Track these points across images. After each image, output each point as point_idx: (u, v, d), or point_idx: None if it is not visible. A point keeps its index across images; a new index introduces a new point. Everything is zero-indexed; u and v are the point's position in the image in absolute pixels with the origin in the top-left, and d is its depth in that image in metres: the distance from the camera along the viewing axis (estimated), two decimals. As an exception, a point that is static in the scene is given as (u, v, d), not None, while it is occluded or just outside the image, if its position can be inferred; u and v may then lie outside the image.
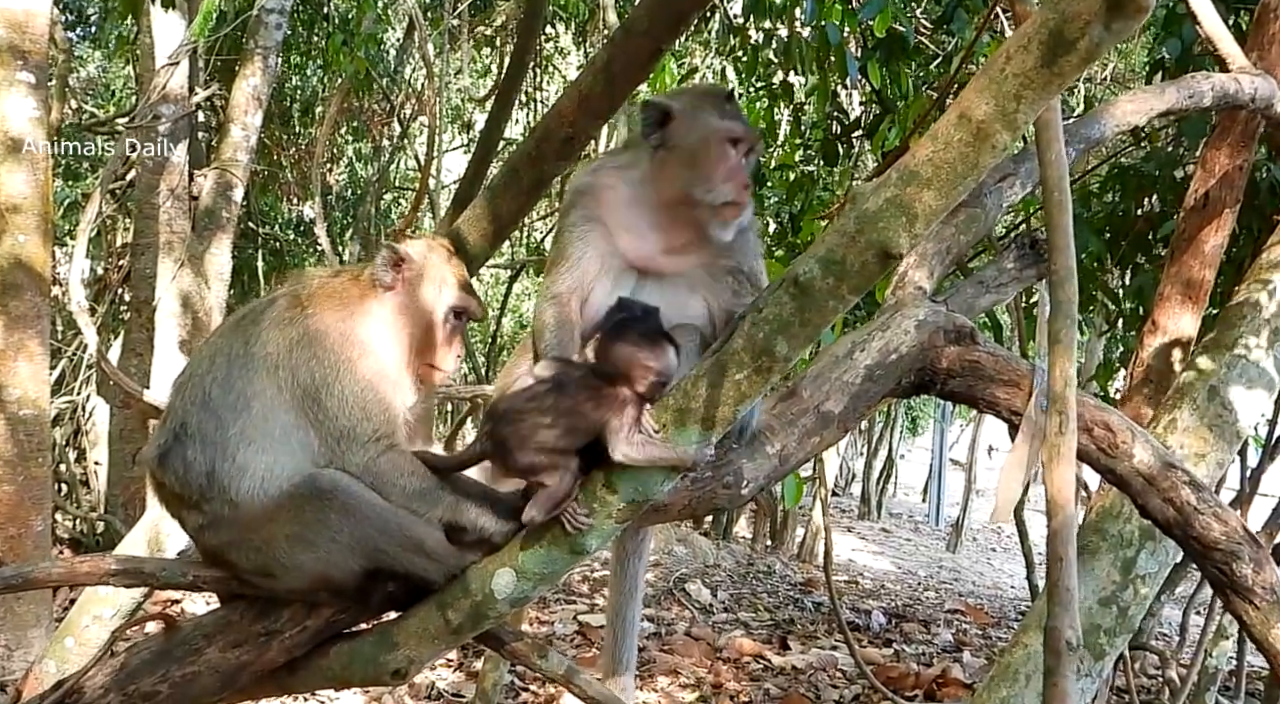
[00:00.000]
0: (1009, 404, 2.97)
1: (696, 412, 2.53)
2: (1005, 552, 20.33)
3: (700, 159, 3.03)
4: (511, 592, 2.73)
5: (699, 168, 3.02)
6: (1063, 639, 2.07)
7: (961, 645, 10.24)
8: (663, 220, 3.07)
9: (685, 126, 3.05)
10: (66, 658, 5.07)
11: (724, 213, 3.01)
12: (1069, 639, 2.07)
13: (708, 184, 3.00)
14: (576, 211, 3.12)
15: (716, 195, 2.99)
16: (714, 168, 3.01)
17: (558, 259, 3.11)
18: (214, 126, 11.04)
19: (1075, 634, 2.08)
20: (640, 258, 3.06)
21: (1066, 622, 2.09)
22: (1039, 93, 2.06)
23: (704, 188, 3.00)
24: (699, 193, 3.00)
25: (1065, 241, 2.33)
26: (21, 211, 6.12)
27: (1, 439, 6.09)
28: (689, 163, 3.04)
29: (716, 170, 3.01)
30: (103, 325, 11.39)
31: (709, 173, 3.01)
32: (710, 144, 3.03)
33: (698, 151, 3.03)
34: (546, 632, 9.12)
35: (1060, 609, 2.11)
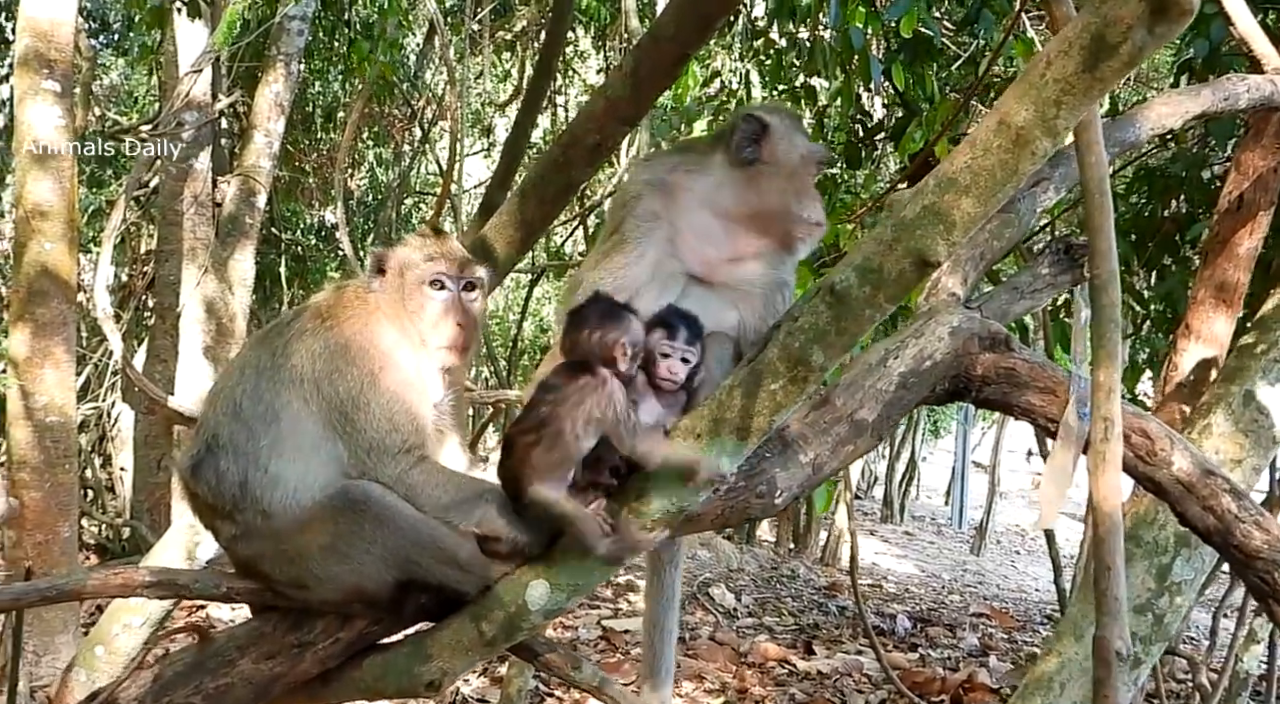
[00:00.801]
0: (1045, 411, 2.93)
1: (731, 421, 2.52)
2: (1029, 555, 20.22)
3: (798, 177, 3.13)
4: (545, 603, 2.72)
5: (796, 186, 3.12)
6: (1112, 649, 2.04)
7: (987, 650, 10.17)
8: (735, 229, 3.08)
9: (784, 143, 3.13)
10: (97, 666, 5.08)
11: (812, 231, 3.13)
12: (1119, 649, 2.04)
13: (802, 201, 3.10)
14: (643, 205, 3.11)
15: (811, 214, 3.10)
16: (798, 187, 3.11)
17: (614, 251, 3.09)
18: (237, 133, 11.09)
19: (1125, 644, 2.05)
20: (702, 262, 3.06)
21: (1116, 631, 2.05)
22: (1080, 98, 2.03)
23: (799, 205, 3.10)
24: (796, 208, 3.09)
25: (1107, 245, 2.29)
26: (48, 218, 6.16)
27: (28, 446, 6.12)
28: (788, 179, 3.12)
29: (798, 190, 3.11)
30: (127, 332, 11.46)
31: (805, 191, 3.12)
32: (807, 163, 3.15)
33: (796, 170, 3.13)
34: (570, 637, 9.11)
35: (1109, 619, 2.07)
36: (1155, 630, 4.03)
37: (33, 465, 6.14)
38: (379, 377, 2.85)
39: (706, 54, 9.84)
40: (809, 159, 3.15)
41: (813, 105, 8.12)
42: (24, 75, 6.25)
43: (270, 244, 12.81)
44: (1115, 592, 2.11)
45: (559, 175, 4.58)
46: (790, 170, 3.12)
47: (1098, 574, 2.15)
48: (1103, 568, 2.14)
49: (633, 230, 3.09)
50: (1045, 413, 2.92)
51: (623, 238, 3.10)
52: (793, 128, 3.18)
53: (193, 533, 5.22)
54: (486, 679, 7.78)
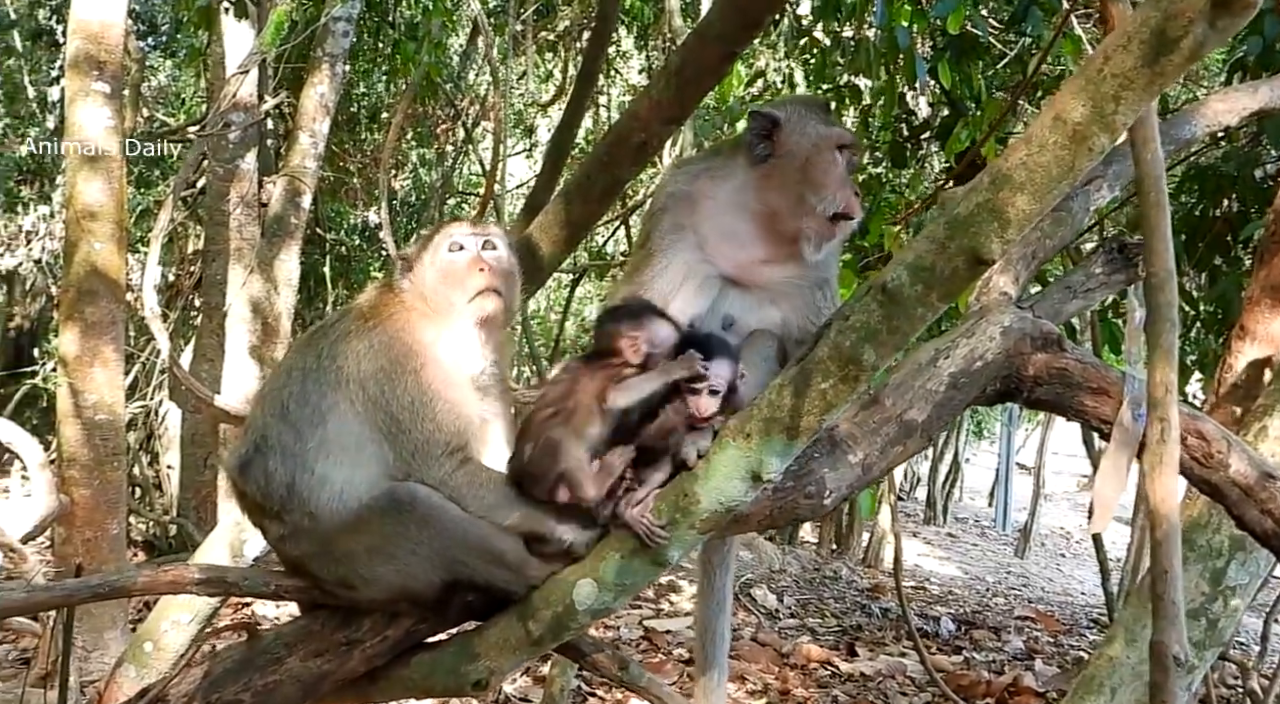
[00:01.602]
0: (1098, 412, 2.88)
1: (781, 421, 2.49)
2: (1075, 558, 20.01)
3: (812, 167, 3.02)
4: (592, 603, 2.71)
5: (811, 176, 3.01)
6: (1170, 654, 2.00)
7: (1033, 653, 10.07)
8: (762, 231, 3.05)
9: (795, 134, 3.03)
10: (146, 663, 5.13)
11: (834, 224, 3.02)
12: (1176, 655, 2.00)
13: (819, 193, 3.00)
14: (668, 217, 3.11)
15: (829, 205, 2.99)
16: (826, 176, 3.00)
17: (642, 264, 3.10)
18: (283, 134, 11.16)
19: (1183, 649, 2.01)
20: (734, 267, 3.03)
21: (1174, 637, 2.01)
22: (1139, 94, 1.99)
23: (816, 197, 3.00)
24: (812, 201, 3.00)
25: (1164, 244, 2.26)
26: (98, 219, 6.23)
27: (78, 444, 6.19)
28: (801, 171, 3.02)
29: (829, 179, 2.99)
30: (175, 331, 11.57)
31: (821, 181, 3.00)
32: (821, 151, 3.02)
33: (810, 159, 3.02)
34: (612, 637, 9.10)
35: (1167, 623, 2.03)
36: (1209, 635, 3.97)
37: (82, 463, 6.21)
38: (421, 374, 2.87)
39: (751, 53, 9.80)
40: (825, 143, 3.03)
41: (857, 104, 8.07)
42: (75, 77, 6.32)
43: (315, 244, 12.88)
44: (1173, 596, 2.07)
45: (604, 175, 4.58)
46: (804, 159, 3.04)
47: (1155, 578, 2.12)
48: (1160, 571, 2.10)
49: (658, 243, 3.10)
50: (1098, 414, 2.87)
51: (649, 251, 3.12)
52: (805, 115, 3.08)
53: (238, 530, 5.26)
54: (529, 679, 7.79)
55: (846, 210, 2.99)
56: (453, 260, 3.04)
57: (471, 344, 3.02)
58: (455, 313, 3.00)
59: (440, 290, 3.02)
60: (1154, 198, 2.26)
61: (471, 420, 2.92)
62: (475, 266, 3.02)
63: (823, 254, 3.04)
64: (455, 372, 2.94)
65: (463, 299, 3.00)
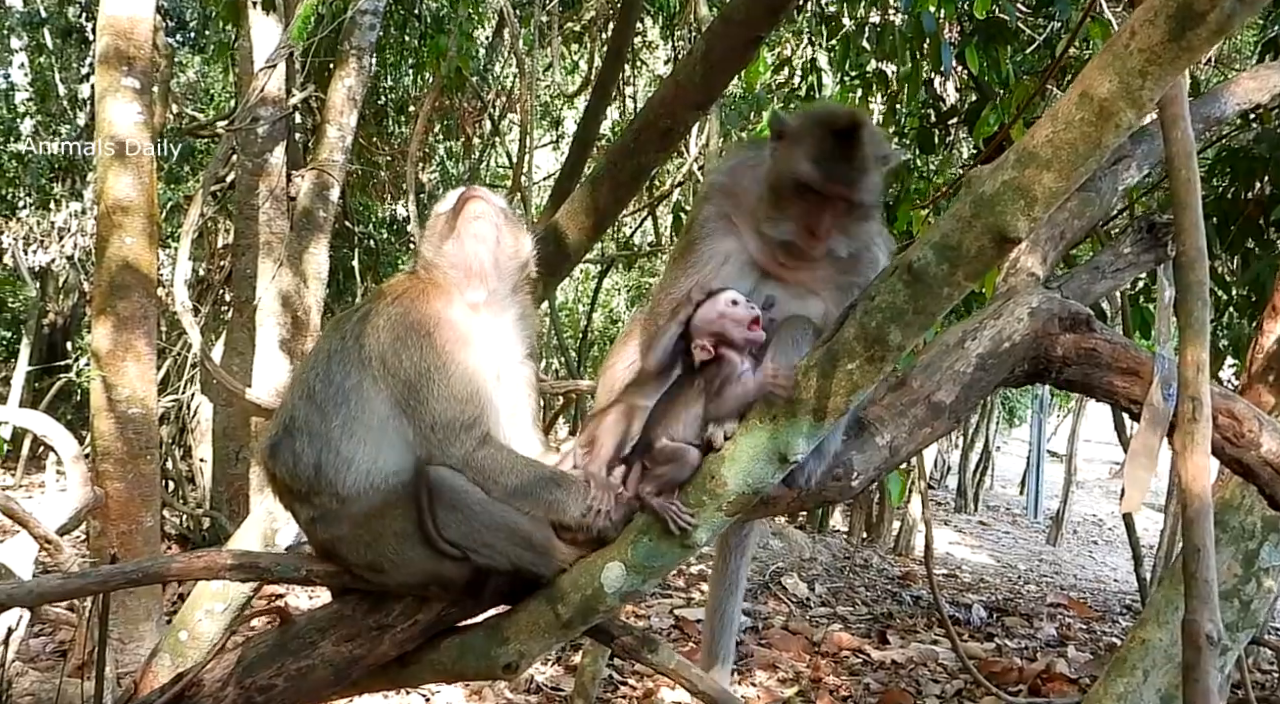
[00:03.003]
0: (1127, 393, 2.87)
1: (808, 402, 2.49)
2: (1107, 544, 19.88)
3: (775, 191, 2.94)
4: (621, 585, 2.72)
5: (771, 198, 2.94)
6: (1203, 633, 1.98)
7: (1065, 640, 10.03)
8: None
9: (783, 153, 2.95)
10: (181, 651, 5.17)
11: (785, 251, 2.93)
12: (1209, 633, 1.98)
13: (772, 217, 2.92)
14: (710, 207, 3.08)
15: (777, 234, 2.91)
16: (782, 204, 2.90)
17: (685, 252, 3.07)
18: (310, 128, 11.20)
19: (1216, 628, 1.99)
20: (765, 262, 3.00)
21: (1206, 615, 2.00)
22: (1166, 69, 1.98)
23: (770, 221, 2.92)
24: (765, 225, 2.93)
25: (1194, 221, 2.24)
26: (129, 214, 6.27)
27: (111, 437, 6.24)
28: (770, 189, 2.95)
29: (783, 207, 2.90)
30: (206, 325, 11.64)
31: (777, 207, 2.91)
32: (784, 180, 2.91)
33: (777, 183, 2.93)
34: (643, 625, 9.12)
35: (1199, 602, 2.02)
36: (1242, 617, 3.95)
37: (116, 456, 6.26)
38: (434, 337, 2.90)
39: (776, 41, 9.77)
40: (789, 176, 2.89)
41: (884, 91, 8.03)
42: (105, 73, 6.36)
43: (343, 238, 12.93)
44: (1205, 575, 2.06)
45: (630, 161, 4.58)
46: (773, 180, 2.95)
47: (1187, 556, 2.10)
48: (1192, 550, 2.09)
49: (699, 231, 3.07)
50: (1128, 394, 2.86)
51: (691, 239, 3.10)
52: (801, 140, 2.93)
53: (270, 521, 5.29)
54: (561, 668, 7.82)
55: (795, 241, 2.89)
56: (440, 206, 3.15)
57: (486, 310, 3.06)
58: (455, 252, 3.03)
59: (434, 231, 3.09)
60: (1184, 175, 2.24)
61: (487, 389, 2.94)
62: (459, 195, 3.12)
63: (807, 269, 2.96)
64: (468, 336, 2.97)
65: (452, 217, 3.05)
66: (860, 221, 2.93)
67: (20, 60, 17.00)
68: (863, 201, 2.87)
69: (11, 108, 16.47)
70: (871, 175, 2.88)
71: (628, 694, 7.45)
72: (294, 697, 2.93)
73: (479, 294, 3.04)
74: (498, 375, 3.02)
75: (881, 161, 2.92)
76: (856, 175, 2.85)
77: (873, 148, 2.88)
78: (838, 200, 2.85)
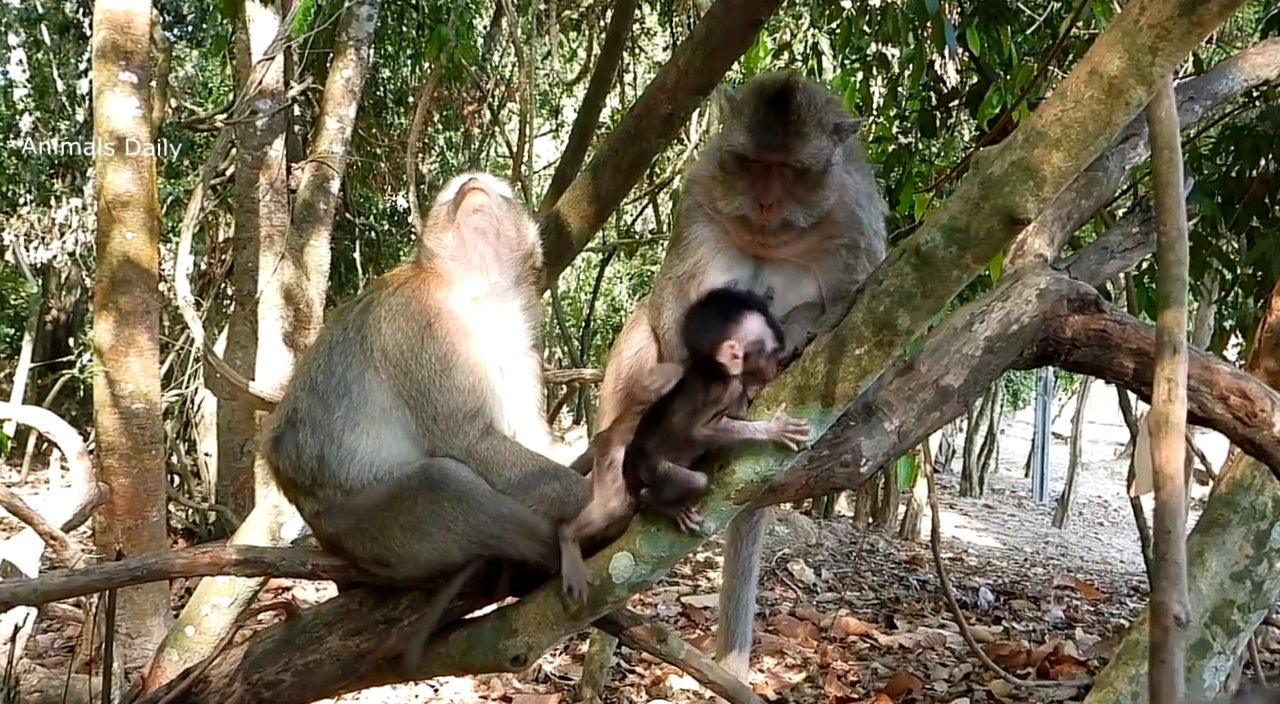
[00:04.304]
0: (1138, 373, 2.85)
1: (816, 388, 2.47)
2: (1113, 526, 19.88)
3: (723, 167, 2.94)
4: (630, 576, 2.70)
5: (721, 175, 2.94)
6: (1171, 615, 1.96)
7: (1073, 622, 10.01)
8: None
9: (726, 128, 2.95)
10: (188, 646, 5.17)
11: (744, 227, 2.92)
12: (1178, 614, 1.96)
13: (725, 197, 2.92)
14: (690, 199, 3.09)
15: (729, 210, 2.90)
16: (731, 180, 2.91)
17: (674, 243, 3.09)
18: (310, 120, 11.17)
19: (1184, 609, 1.97)
20: (747, 245, 2.98)
21: (1175, 597, 1.97)
22: (1177, 44, 1.95)
23: (724, 199, 2.92)
24: (720, 203, 2.93)
25: (1175, 201, 2.21)
26: (129, 209, 6.25)
27: (116, 432, 6.23)
28: (719, 167, 2.96)
29: (733, 183, 2.90)
30: (208, 319, 11.63)
31: (727, 184, 2.92)
32: (725, 155, 2.91)
33: (722, 159, 2.94)
34: (650, 613, 9.11)
35: (1168, 584, 2.00)
36: (1254, 598, 3.92)
37: (121, 451, 6.25)
38: (436, 328, 2.89)
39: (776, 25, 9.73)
40: (727, 149, 2.91)
41: (885, 73, 7.99)
42: (102, 68, 6.33)
43: (344, 230, 12.91)
44: (1175, 557, 2.04)
45: (632, 148, 4.56)
46: (720, 158, 2.96)
47: (1157, 538, 2.09)
48: (1163, 532, 2.07)
49: (685, 227, 3.08)
50: (1138, 375, 2.83)
51: (677, 235, 3.11)
52: (739, 113, 2.94)
53: (276, 514, 5.28)
54: (569, 656, 7.81)
55: (747, 215, 2.88)
56: (442, 195, 3.14)
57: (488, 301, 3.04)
58: (455, 242, 3.02)
59: (435, 222, 3.07)
60: (1167, 155, 2.21)
61: (489, 379, 2.93)
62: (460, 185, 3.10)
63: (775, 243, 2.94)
64: (470, 326, 2.95)
65: (453, 208, 3.04)
66: (814, 189, 2.89)
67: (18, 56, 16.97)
68: (805, 166, 2.85)
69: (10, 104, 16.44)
70: (811, 140, 2.85)
71: (636, 682, 7.45)
72: (301, 692, 2.92)
73: (480, 286, 3.01)
74: (501, 367, 3.01)
75: (827, 127, 2.89)
76: (792, 140, 2.83)
77: (811, 113, 2.86)
78: (779, 168, 2.84)
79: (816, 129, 2.86)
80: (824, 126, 2.88)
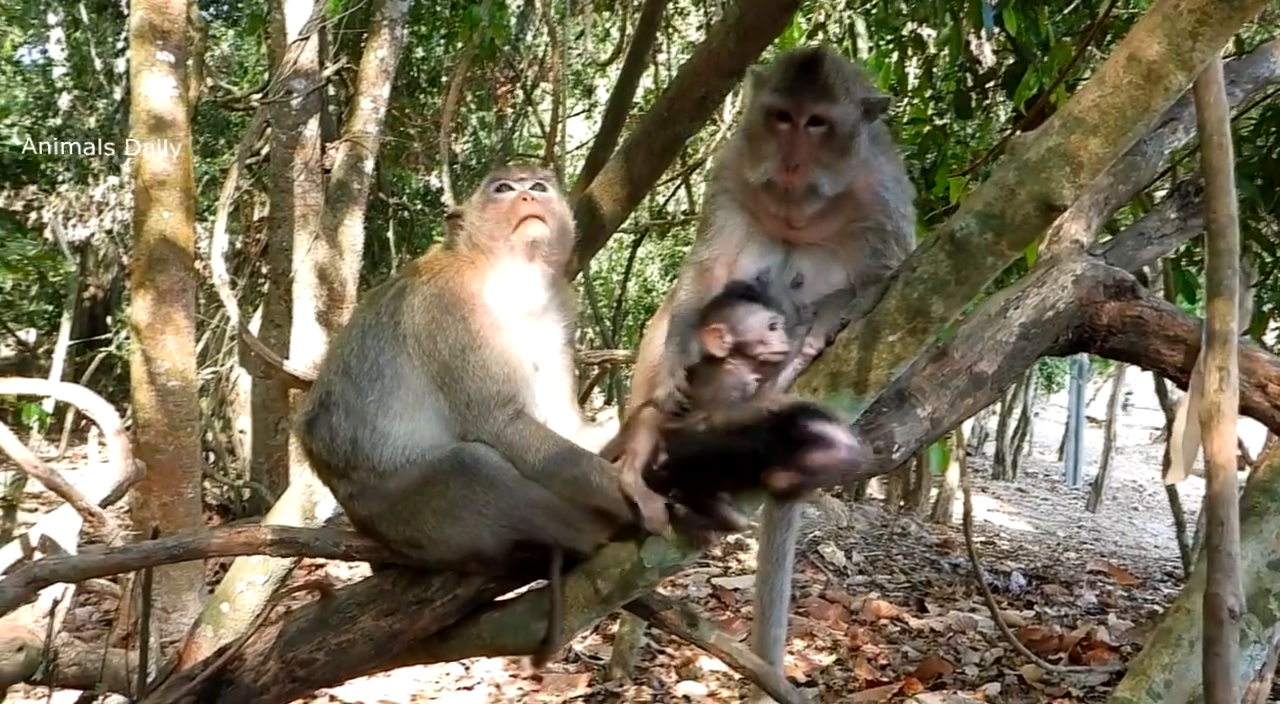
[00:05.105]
0: (1174, 360, 2.82)
1: (849, 375, 2.47)
2: (1148, 511, 19.76)
3: (749, 137, 2.93)
4: (660, 560, 2.70)
5: (748, 147, 2.93)
6: (1225, 607, 1.95)
7: (1106, 607, 9.96)
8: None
9: (749, 101, 2.94)
10: (223, 623, 5.22)
11: (770, 195, 2.89)
12: (1231, 607, 1.95)
13: (752, 165, 2.90)
14: (716, 185, 3.09)
15: (756, 177, 2.87)
16: (758, 147, 2.89)
17: (702, 229, 3.08)
18: (344, 100, 11.20)
19: (1238, 601, 1.96)
20: (775, 231, 2.98)
21: (1229, 589, 1.96)
22: (1218, 29, 1.93)
23: (751, 168, 2.90)
24: (748, 175, 2.90)
25: (1225, 187, 2.18)
26: (166, 188, 6.29)
27: (152, 410, 6.29)
28: (746, 137, 2.95)
29: (760, 149, 2.88)
30: (243, 298, 11.71)
31: (754, 152, 2.90)
32: (754, 122, 2.91)
33: (748, 130, 2.93)
34: (681, 595, 9.14)
35: (1222, 575, 1.99)
36: (1292, 588, 3.87)
37: (157, 429, 6.31)
38: (470, 321, 2.88)
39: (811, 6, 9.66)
40: (756, 112, 2.91)
41: (921, 54, 7.93)
42: (139, 47, 6.37)
43: (378, 209, 12.95)
44: (1229, 547, 2.03)
45: (665, 130, 4.55)
46: (745, 130, 2.96)
47: (1210, 529, 2.07)
48: (1216, 523, 2.06)
49: (712, 213, 3.07)
50: (1174, 362, 2.81)
51: (705, 220, 3.10)
52: (760, 81, 2.94)
53: (310, 493, 5.32)
54: (599, 636, 7.85)
55: (774, 179, 2.84)
56: (499, 199, 3.07)
57: (522, 289, 3.02)
58: (502, 251, 3.01)
59: (486, 229, 3.03)
60: (1217, 140, 2.19)
61: (522, 368, 2.92)
62: (520, 199, 3.04)
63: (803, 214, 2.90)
64: (505, 318, 2.95)
65: (508, 230, 3.01)
66: (840, 155, 2.87)
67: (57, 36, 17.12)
68: (833, 123, 2.83)
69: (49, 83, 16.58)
70: (840, 101, 2.84)
71: (666, 663, 7.48)
72: (334, 671, 2.94)
73: (516, 278, 3.01)
74: (534, 355, 3.01)
75: (856, 96, 2.88)
76: (822, 95, 2.82)
77: (840, 78, 2.86)
78: (807, 126, 2.83)
79: (845, 94, 2.86)
80: (852, 94, 2.88)
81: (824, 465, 2.42)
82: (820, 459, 2.41)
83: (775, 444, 2.43)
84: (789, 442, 2.42)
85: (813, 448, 2.41)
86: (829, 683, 7.32)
